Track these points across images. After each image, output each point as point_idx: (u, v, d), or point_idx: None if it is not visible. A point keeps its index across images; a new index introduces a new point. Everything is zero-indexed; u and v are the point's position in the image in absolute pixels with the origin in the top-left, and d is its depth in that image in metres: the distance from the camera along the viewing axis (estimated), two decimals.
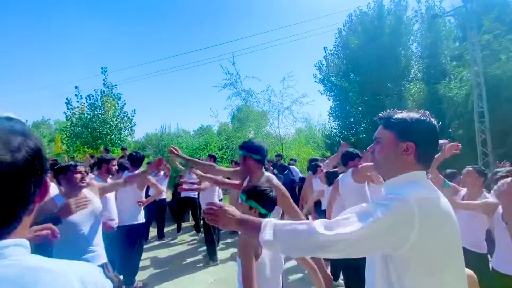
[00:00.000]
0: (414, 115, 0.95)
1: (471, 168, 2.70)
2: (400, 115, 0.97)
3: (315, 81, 14.83)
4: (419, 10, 12.67)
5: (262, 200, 1.55)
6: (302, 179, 6.36)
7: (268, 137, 10.31)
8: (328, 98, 14.59)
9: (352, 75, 13.50)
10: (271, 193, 1.59)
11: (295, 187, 6.27)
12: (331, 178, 3.45)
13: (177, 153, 2.37)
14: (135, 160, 3.75)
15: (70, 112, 12.67)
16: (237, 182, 2.36)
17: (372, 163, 2.83)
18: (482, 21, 8.84)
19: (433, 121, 0.96)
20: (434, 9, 12.17)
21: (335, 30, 14.27)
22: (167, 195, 6.44)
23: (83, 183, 2.06)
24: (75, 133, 12.44)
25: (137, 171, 3.49)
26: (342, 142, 4.12)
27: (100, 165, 3.17)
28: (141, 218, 3.54)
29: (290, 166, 6.71)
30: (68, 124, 12.85)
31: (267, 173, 2.07)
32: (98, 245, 2.07)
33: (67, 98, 12.60)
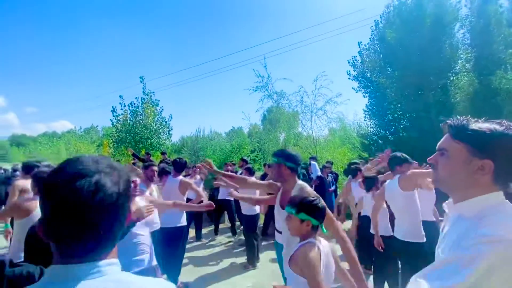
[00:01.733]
0: (495, 126, 0.80)
1: None
2: (477, 125, 0.82)
3: (349, 78, 14.25)
4: None
5: (313, 212, 1.53)
6: (320, 178, 6.09)
7: (300, 138, 10.13)
8: (363, 96, 13.92)
9: (389, 69, 12.70)
10: (320, 203, 1.58)
11: (312, 186, 6.04)
12: (369, 183, 3.28)
13: (210, 168, 2.35)
14: (179, 166, 3.91)
15: (116, 119, 13.79)
16: (272, 196, 2.36)
17: (422, 171, 2.63)
18: None
19: None
20: None
21: (370, 24, 13.58)
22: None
23: (135, 191, 2.25)
24: (120, 138, 13.50)
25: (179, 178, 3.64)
26: (380, 141, 3.84)
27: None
28: (184, 221, 3.70)
29: (311, 162, 6.45)
30: (114, 130, 14.00)
31: (300, 181, 2.04)
32: (149, 248, 2.22)
33: (112, 107, 13.75)
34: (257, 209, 4.61)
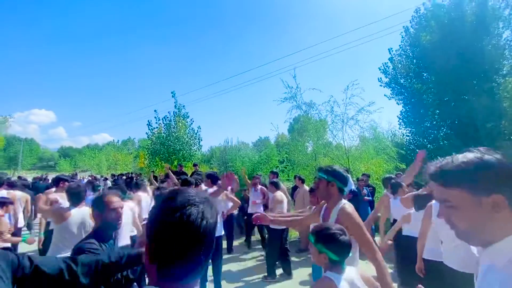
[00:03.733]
0: (477, 158, 0.71)
1: None
2: (456, 163, 0.73)
3: (380, 85, 13.75)
4: None
5: (331, 245, 1.39)
6: (354, 192, 5.73)
7: (330, 148, 9.87)
8: (397, 103, 13.30)
9: (425, 74, 12.04)
10: (342, 236, 1.41)
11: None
12: (420, 202, 3.02)
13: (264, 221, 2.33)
14: (215, 178, 4.08)
15: (151, 132, 14.61)
16: (314, 214, 2.30)
17: None
18: None
19: (504, 158, 0.70)
20: None
21: (399, 30, 13.07)
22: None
23: None
24: (155, 150, 14.24)
25: (212, 189, 3.76)
26: (418, 150, 3.50)
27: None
28: (221, 231, 3.76)
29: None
30: (149, 143, 14.82)
31: (343, 200, 1.98)
32: None
33: (148, 120, 14.61)
34: None
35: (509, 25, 10.58)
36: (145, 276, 2.30)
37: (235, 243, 6.45)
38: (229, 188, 5.83)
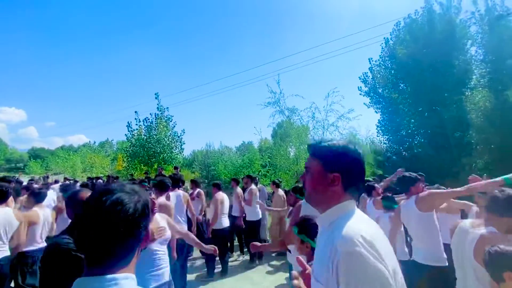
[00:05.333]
0: (339, 143, 0.91)
1: None
2: (326, 143, 0.92)
3: (360, 94, 14.28)
4: (478, 11, 11.51)
5: (312, 234, 1.48)
6: None
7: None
8: (375, 111, 13.86)
9: (402, 85, 12.68)
10: None
11: None
12: (389, 202, 3.19)
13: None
14: (176, 180, 4.14)
15: (130, 134, 14.18)
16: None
17: (441, 192, 2.56)
18: None
19: (359, 149, 0.91)
20: (496, 9, 10.93)
21: (380, 41, 13.74)
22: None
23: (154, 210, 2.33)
24: (134, 152, 13.82)
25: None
26: (394, 157, 3.77)
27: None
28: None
29: None
30: (128, 145, 14.37)
31: None
32: (166, 263, 2.28)
33: (128, 122, 14.19)
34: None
35: (475, 42, 11.45)
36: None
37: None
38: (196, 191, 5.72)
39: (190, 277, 4.49)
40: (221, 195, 4.70)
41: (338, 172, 0.88)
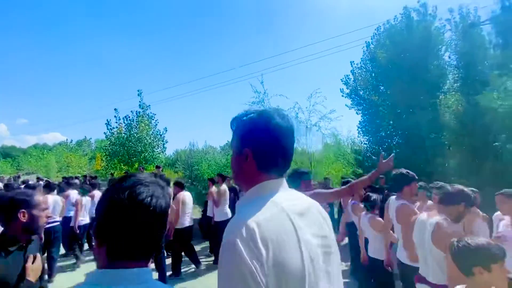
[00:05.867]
0: (251, 114, 0.82)
1: (501, 194, 2.50)
2: (241, 115, 0.84)
3: (342, 96, 14.65)
4: (453, 19, 12.14)
5: None
6: None
7: (295, 153, 10.24)
8: (356, 113, 14.27)
9: (382, 88, 13.12)
10: None
11: None
12: (369, 203, 3.25)
13: None
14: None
15: (110, 132, 13.71)
16: None
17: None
18: None
19: (276, 120, 0.79)
20: (469, 18, 11.58)
21: (362, 45, 14.15)
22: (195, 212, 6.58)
23: None
24: (113, 151, 13.37)
25: None
26: (374, 157, 3.78)
27: None
28: None
29: None
30: (107, 143, 13.89)
31: None
32: None
33: (107, 120, 13.72)
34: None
35: (449, 48, 12.07)
36: None
37: (198, 247, 6.26)
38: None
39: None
40: (183, 195, 4.68)
41: (248, 146, 0.80)
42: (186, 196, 4.72)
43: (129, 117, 13.73)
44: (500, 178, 7.69)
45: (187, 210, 4.66)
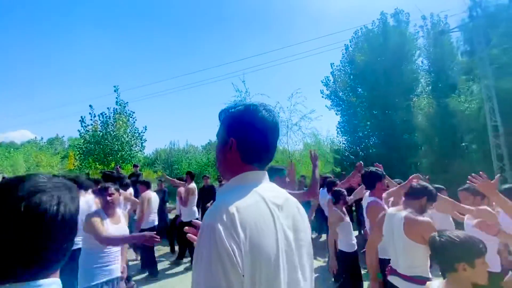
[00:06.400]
0: (238, 106, 0.86)
1: (464, 190, 2.65)
2: (229, 107, 0.88)
3: (322, 97, 14.98)
4: (425, 26, 12.82)
5: None
6: None
7: (276, 152, 10.34)
8: (336, 113, 14.65)
9: (359, 90, 13.57)
10: None
11: None
12: (335, 196, 3.36)
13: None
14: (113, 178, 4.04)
15: (84, 130, 13.07)
16: None
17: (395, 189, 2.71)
18: (490, 35, 8.84)
19: (262, 114, 0.82)
20: (440, 25, 12.29)
21: (342, 47, 14.55)
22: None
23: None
24: (88, 150, 12.77)
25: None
26: (352, 157, 3.93)
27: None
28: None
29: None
30: (82, 141, 13.23)
31: None
32: (116, 261, 2.32)
33: (81, 117, 13.05)
34: None
35: (421, 53, 12.73)
36: None
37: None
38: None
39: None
40: (149, 194, 4.69)
41: (233, 136, 0.82)
42: (152, 195, 4.73)
43: (105, 114, 13.16)
44: (466, 176, 8.22)
45: (152, 209, 4.66)
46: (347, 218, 3.27)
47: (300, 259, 0.78)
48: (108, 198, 2.31)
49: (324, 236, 5.05)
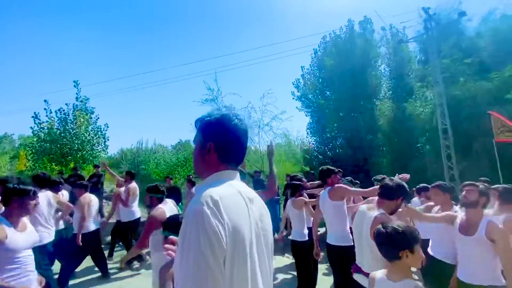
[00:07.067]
0: (215, 115, 0.97)
1: (435, 187, 2.72)
2: (204, 116, 0.99)
3: (293, 98, 15.36)
4: (385, 36, 13.79)
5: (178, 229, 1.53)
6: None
7: (248, 152, 10.36)
8: (306, 115, 15.11)
9: (328, 93, 14.15)
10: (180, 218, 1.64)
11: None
12: (292, 189, 3.53)
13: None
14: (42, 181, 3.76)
15: (38, 127, 11.91)
16: None
17: (349, 189, 2.95)
18: (441, 47, 9.77)
19: (235, 121, 0.95)
20: (399, 35, 13.30)
21: (311, 51, 15.04)
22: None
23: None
24: (43, 149, 11.66)
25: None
26: (320, 156, 4.11)
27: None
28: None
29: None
30: (35, 140, 12.04)
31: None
32: (32, 271, 2.12)
33: (34, 113, 11.87)
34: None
35: (384, 60, 13.66)
36: None
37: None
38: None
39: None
40: (88, 197, 4.37)
41: (212, 141, 0.93)
42: (92, 198, 4.41)
43: (63, 110, 12.10)
44: (421, 174, 8.98)
45: (92, 213, 4.36)
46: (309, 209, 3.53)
47: (266, 245, 0.92)
48: (32, 203, 2.15)
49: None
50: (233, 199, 0.84)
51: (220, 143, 0.93)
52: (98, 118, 12.82)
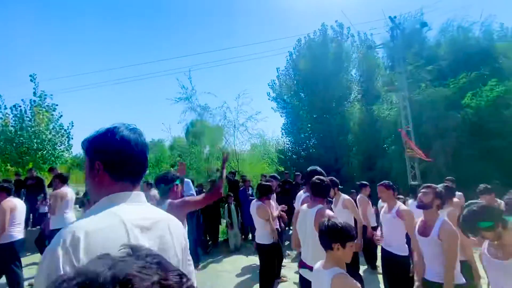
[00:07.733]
0: (99, 130, 0.88)
1: (380, 185, 3.01)
2: (89, 135, 0.90)
3: (268, 99, 15.51)
4: (355, 42, 14.45)
5: None
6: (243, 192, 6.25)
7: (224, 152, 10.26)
8: (280, 115, 15.32)
9: (302, 94, 14.48)
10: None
11: None
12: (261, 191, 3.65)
13: None
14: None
15: None
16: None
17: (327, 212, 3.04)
18: (406, 54, 10.46)
19: (121, 132, 0.85)
20: (368, 42, 13.99)
21: (287, 52, 15.29)
22: None
23: None
24: None
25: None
26: (294, 156, 4.20)
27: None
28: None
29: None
30: None
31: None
32: None
33: None
34: None
35: (355, 65, 14.29)
36: None
37: None
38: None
39: None
40: (12, 202, 3.79)
41: (99, 159, 0.84)
42: (17, 203, 3.87)
43: (19, 106, 11.10)
44: (387, 173, 9.55)
45: (17, 219, 3.80)
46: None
47: None
48: None
49: None
50: (107, 233, 0.72)
51: (109, 160, 0.83)
52: (61, 115, 11.93)
